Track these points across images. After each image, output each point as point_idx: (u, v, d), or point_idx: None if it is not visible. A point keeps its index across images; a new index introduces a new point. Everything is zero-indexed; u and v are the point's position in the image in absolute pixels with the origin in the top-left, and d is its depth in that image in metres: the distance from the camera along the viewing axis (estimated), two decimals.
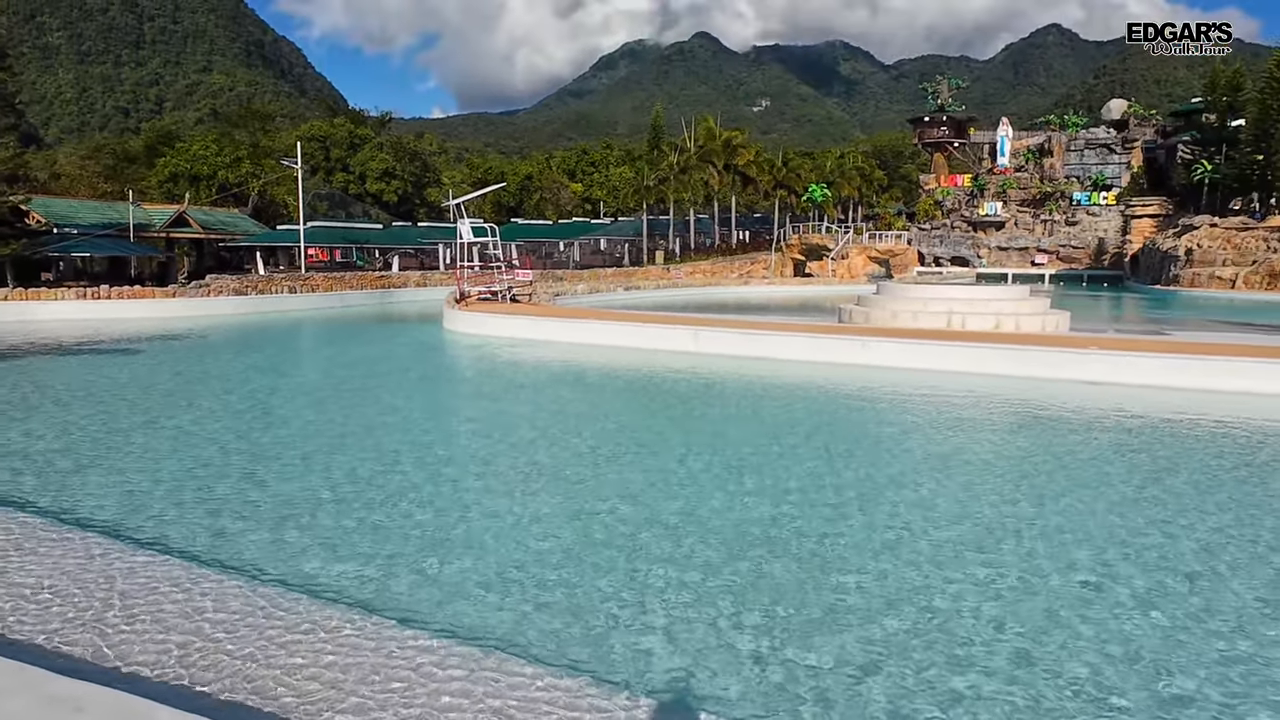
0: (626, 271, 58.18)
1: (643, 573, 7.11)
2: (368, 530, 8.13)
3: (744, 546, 7.75)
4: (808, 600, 6.57)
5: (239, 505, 8.88)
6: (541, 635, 5.91)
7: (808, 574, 7.13)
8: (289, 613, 5.89)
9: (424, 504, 9.01)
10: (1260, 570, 7.33)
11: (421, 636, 5.60)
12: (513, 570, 7.14)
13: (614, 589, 6.75)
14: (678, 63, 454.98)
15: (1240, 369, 16.54)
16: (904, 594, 6.71)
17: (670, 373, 19.09)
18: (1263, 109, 61.85)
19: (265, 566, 7.10)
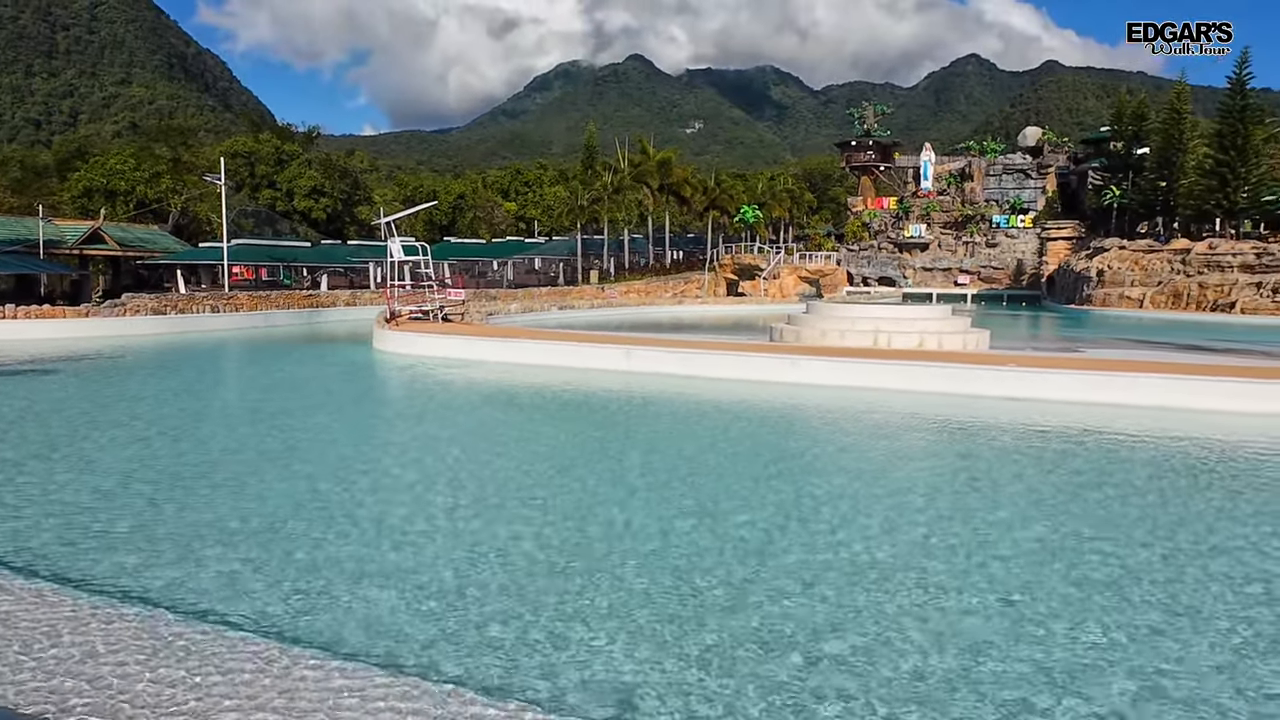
0: (561, 291, 58.10)
1: (565, 596, 7.07)
2: (276, 559, 7.90)
3: (658, 566, 7.78)
4: (741, 616, 6.63)
5: (138, 537, 8.52)
6: (468, 666, 5.83)
7: (736, 593, 7.19)
8: (191, 644, 5.67)
9: (337, 531, 8.76)
10: (1156, 567, 7.68)
11: (329, 662, 5.45)
12: (425, 598, 7.02)
13: (533, 616, 6.69)
14: (612, 84, 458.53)
15: (1145, 384, 17.36)
16: (829, 608, 6.83)
17: (603, 391, 19.12)
18: (1165, 139, 65.41)
19: (163, 599, 6.83)
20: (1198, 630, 6.46)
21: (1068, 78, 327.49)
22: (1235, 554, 8.33)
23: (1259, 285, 51.15)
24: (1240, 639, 6.32)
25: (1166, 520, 9.52)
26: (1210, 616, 6.73)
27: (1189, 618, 6.69)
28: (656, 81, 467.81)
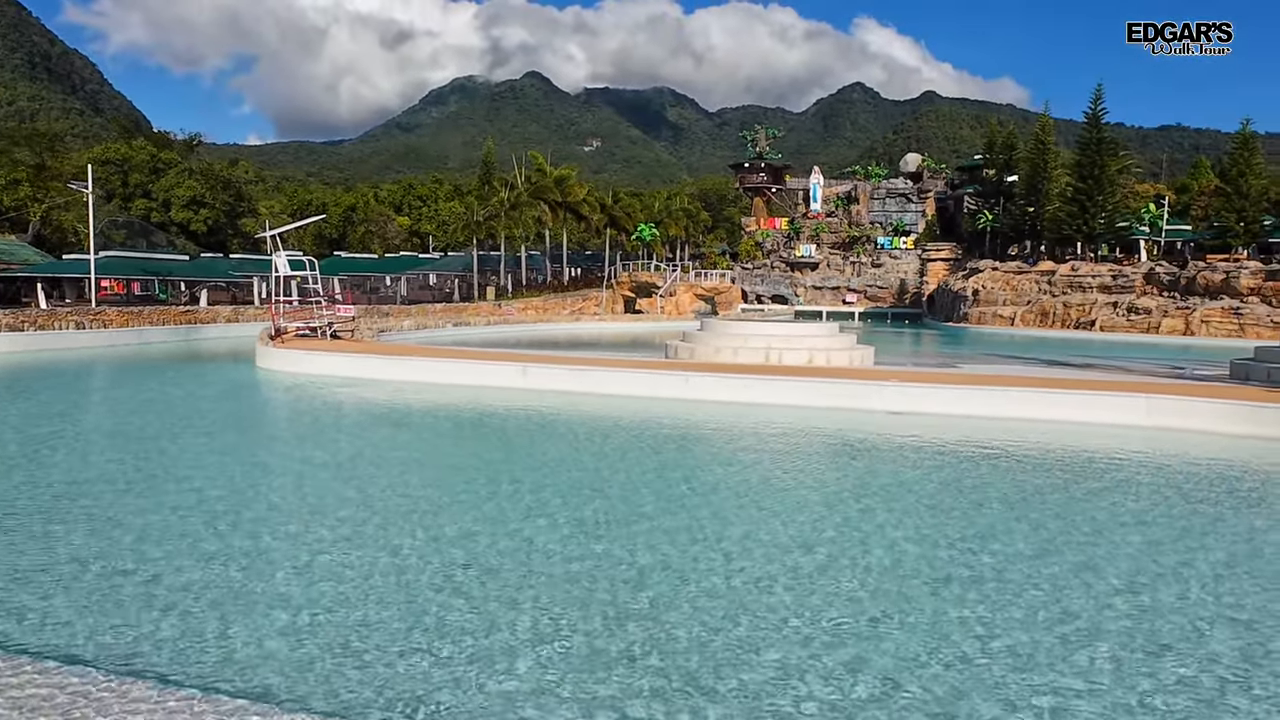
0: (457, 307, 57.17)
1: (444, 622, 6.94)
2: (129, 592, 7.46)
3: (548, 583, 7.75)
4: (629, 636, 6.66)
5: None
6: (326, 698, 5.64)
7: (617, 611, 7.22)
8: (38, 683, 5.29)
9: (203, 560, 8.33)
10: (1018, 563, 8.17)
11: (172, 696, 5.19)
12: (288, 629, 6.77)
13: (407, 644, 6.55)
14: (509, 100, 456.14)
15: (1014, 398, 18.44)
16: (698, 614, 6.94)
17: (498, 409, 18.90)
18: (1032, 167, 69.90)
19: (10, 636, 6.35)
20: (1022, 606, 6.89)
21: (945, 108, 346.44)
22: (1083, 548, 8.94)
23: (1115, 305, 55.19)
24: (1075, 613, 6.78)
25: (1020, 521, 10.12)
26: (1049, 603, 7.19)
27: (1031, 604, 7.13)
28: (554, 99, 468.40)
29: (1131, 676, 6.05)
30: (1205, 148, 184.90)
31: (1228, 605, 7.52)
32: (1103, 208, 63.26)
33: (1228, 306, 50.96)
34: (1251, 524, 10.43)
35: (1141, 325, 52.71)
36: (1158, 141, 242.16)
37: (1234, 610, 7.40)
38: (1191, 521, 10.49)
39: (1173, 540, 9.63)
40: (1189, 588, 7.97)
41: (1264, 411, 16.48)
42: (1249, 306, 50.47)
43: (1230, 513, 10.97)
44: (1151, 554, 9.05)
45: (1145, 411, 17.42)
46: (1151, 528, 10.13)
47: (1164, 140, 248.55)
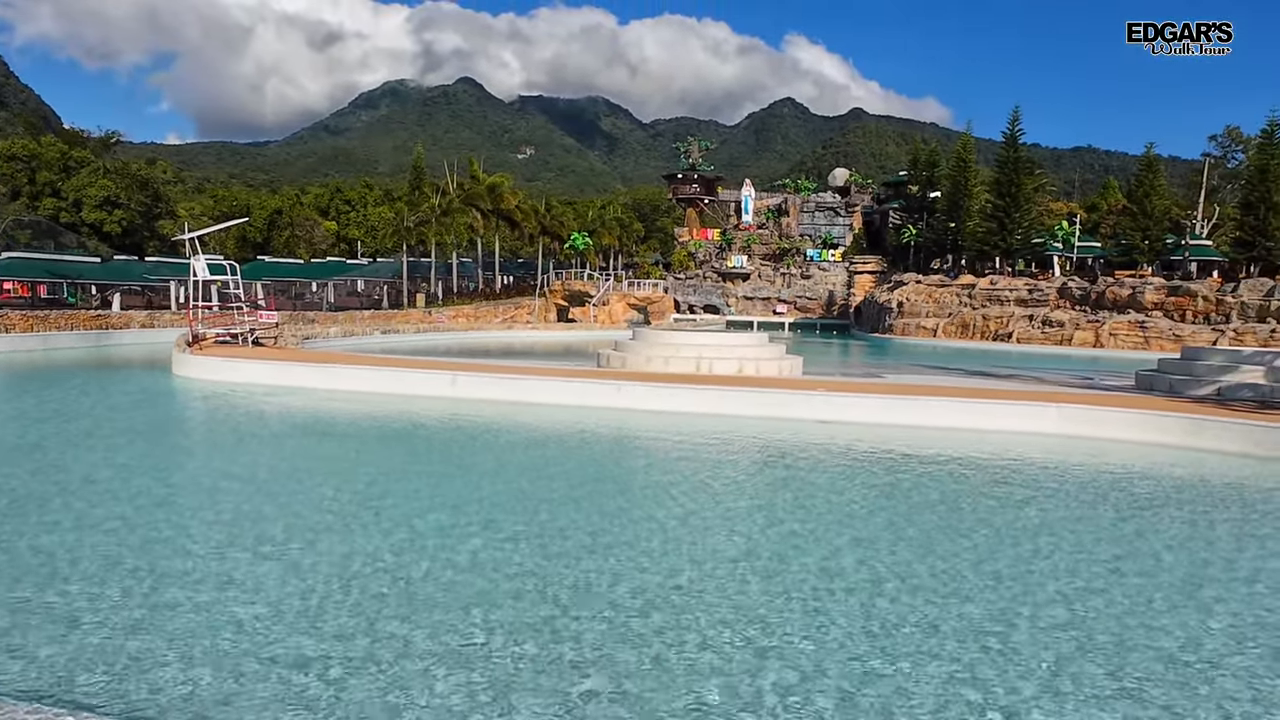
0: (385, 314, 56.12)
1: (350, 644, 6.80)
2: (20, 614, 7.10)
3: (469, 595, 7.66)
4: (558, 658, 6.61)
5: None
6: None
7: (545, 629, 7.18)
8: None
9: (97, 581, 7.98)
10: (919, 564, 8.42)
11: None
12: (186, 654, 6.55)
13: (303, 671, 6.39)
14: (441, 105, 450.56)
15: (935, 407, 19.01)
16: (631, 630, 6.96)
17: (426, 419, 18.59)
18: (953, 184, 72.29)
19: None
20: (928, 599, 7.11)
21: (872, 124, 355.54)
22: (1007, 547, 9.26)
23: (1031, 317, 57.38)
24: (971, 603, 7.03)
25: (938, 522, 10.44)
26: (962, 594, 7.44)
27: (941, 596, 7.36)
28: (488, 105, 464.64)
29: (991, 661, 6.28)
30: (1114, 169, 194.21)
31: (1119, 592, 7.89)
32: (1020, 224, 65.80)
33: (1134, 320, 53.50)
34: (1140, 524, 10.96)
35: (1055, 337, 54.91)
36: (1070, 162, 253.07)
37: (1116, 592, 7.77)
38: (1090, 521, 10.97)
39: (1071, 537, 10.05)
40: (1087, 580, 8.33)
41: (1165, 420, 17.35)
42: (1153, 320, 53.09)
43: (1129, 513, 11.50)
44: (1049, 550, 9.43)
45: (1057, 420, 18.16)
46: (1044, 525, 10.56)
47: (1076, 161, 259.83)
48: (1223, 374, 22.67)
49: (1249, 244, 58.53)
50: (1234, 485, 13.94)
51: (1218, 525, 11.23)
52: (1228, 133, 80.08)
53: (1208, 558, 9.66)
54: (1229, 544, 10.30)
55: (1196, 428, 16.86)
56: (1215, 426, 16.75)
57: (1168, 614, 7.69)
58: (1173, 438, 16.87)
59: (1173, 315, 53.30)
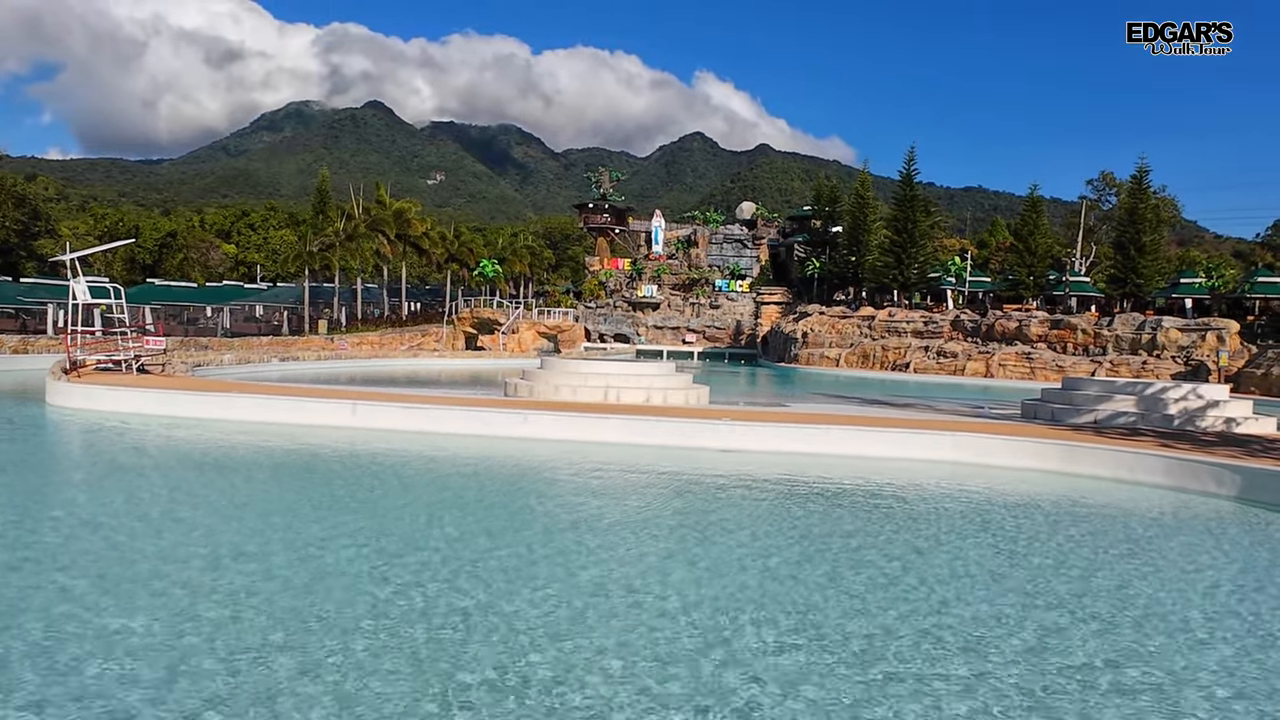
0: (285, 341, 54.20)
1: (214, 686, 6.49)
2: None
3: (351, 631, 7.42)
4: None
5: None
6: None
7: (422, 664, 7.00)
8: None
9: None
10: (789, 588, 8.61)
11: None
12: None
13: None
14: (349, 129, 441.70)
15: (835, 435, 19.54)
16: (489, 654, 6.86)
17: (325, 450, 17.97)
18: (854, 220, 75.08)
19: None
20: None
21: (778, 160, 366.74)
22: (898, 571, 9.55)
23: (926, 348, 59.82)
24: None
25: (833, 544, 10.70)
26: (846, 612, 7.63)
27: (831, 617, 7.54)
28: (397, 130, 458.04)
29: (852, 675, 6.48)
30: (1001, 208, 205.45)
31: (999, 606, 8.24)
32: (915, 259, 68.79)
33: (1020, 351, 56.45)
34: (1015, 545, 11.50)
35: (949, 368, 57.38)
36: (962, 200, 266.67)
37: (997, 606, 8.12)
38: (975, 543, 11.44)
39: (959, 561, 10.46)
40: (969, 595, 8.67)
41: (1046, 447, 18.30)
42: (1038, 351, 56.12)
43: (1010, 533, 12.05)
44: (935, 571, 9.79)
45: (951, 448, 18.92)
46: (935, 548, 10.96)
47: (967, 200, 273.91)
48: (1099, 403, 24.11)
49: (1122, 281, 62.70)
50: (1099, 507, 14.78)
51: (1080, 543, 11.86)
52: (1102, 177, 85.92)
53: (1062, 572, 10.18)
54: (1082, 558, 10.89)
55: (1073, 454, 17.84)
56: (1089, 453, 17.76)
57: (1034, 613, 8.07)
58: (1052, 464, 17.80)
59: (1056, 347, 56.47)
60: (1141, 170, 63.87)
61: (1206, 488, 15.85)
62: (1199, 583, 10.29)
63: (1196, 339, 52.29)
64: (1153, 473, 16.73)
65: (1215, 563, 11.35)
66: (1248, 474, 15.62)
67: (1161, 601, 9.34)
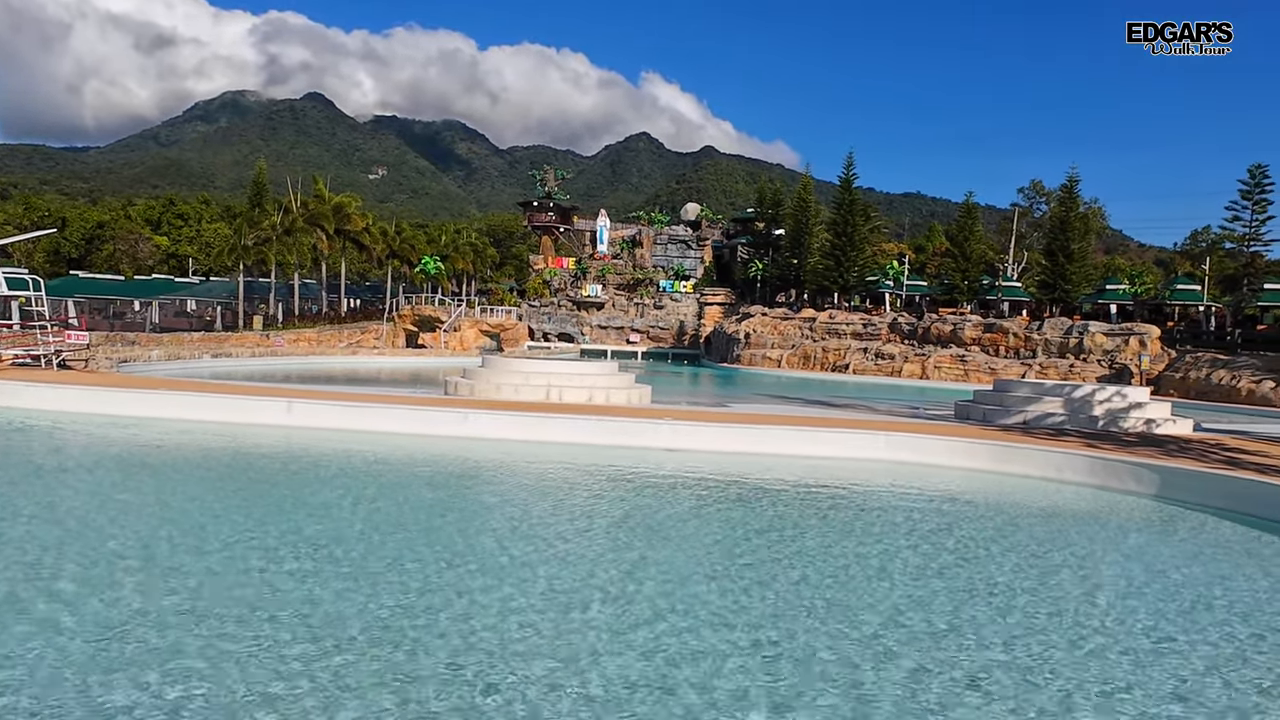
0: (218, 337, 52.70)
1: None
2: None
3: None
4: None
5: None
6: None
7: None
8: None
9: None
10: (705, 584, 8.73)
11: None
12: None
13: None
14: (287, 120, 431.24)
15: (775, 435, 19.79)
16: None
17: (256, 450, 17.51)
18: (796, 223, 76.13)
19: None
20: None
21: (723, 162, 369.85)
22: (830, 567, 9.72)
23: (865, 350, 60.99)
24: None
25: (773, 541, 10.85)
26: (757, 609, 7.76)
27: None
28: (338, 123, 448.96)
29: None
30: (939, 214, 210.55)
31: (920, 600, 8.46)
32: (855, 263, 70.08)
33: (955, 354, 57.94)
34: (941, 539, 11.82)
35: (887, 369, 58.60)
36: (901, 206, 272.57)
37: (920, 603, 8.33)
38: (908, 539, 11.71)
39: (889, 555, 10.70)
40: (900, 590, 8.88)
41: (976, 446, 18.82)
42: (972, 354, 57.69)
43: (939, 530, 12.37)
44: (870, 564, 10.00)
45: (886, 447, 19.30)
46: (870, 544, 11.20)
47: (906, 205, 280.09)
48: (1028, 405, 24.89)
49: (1051, 286, 64.81)
50: (1025, 505, 15.27)
51: (1003, 538, 12.24)
52: (1033, 185, 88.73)
53: (987, 567, 10.50)
54: (1004, 555, 11.24)
55: (1003, 454, 18.38)
56: (1018, 453, 18.32)
57: (956, 606, 8.30)
58: (983, 463, 18.30)
59: (989, 350, 58.10)
60: (1071, 180, 66.16)
61: (1127, 486, 16.48)
62: (1094, 569, 10.70)
63: (1120, 343, 54.34)
64: (1078, 472, 17.32)
65: (1116, 551, 11.82)
66: (1164, 473, 16.29)
67: (1065, 589, 9.69)
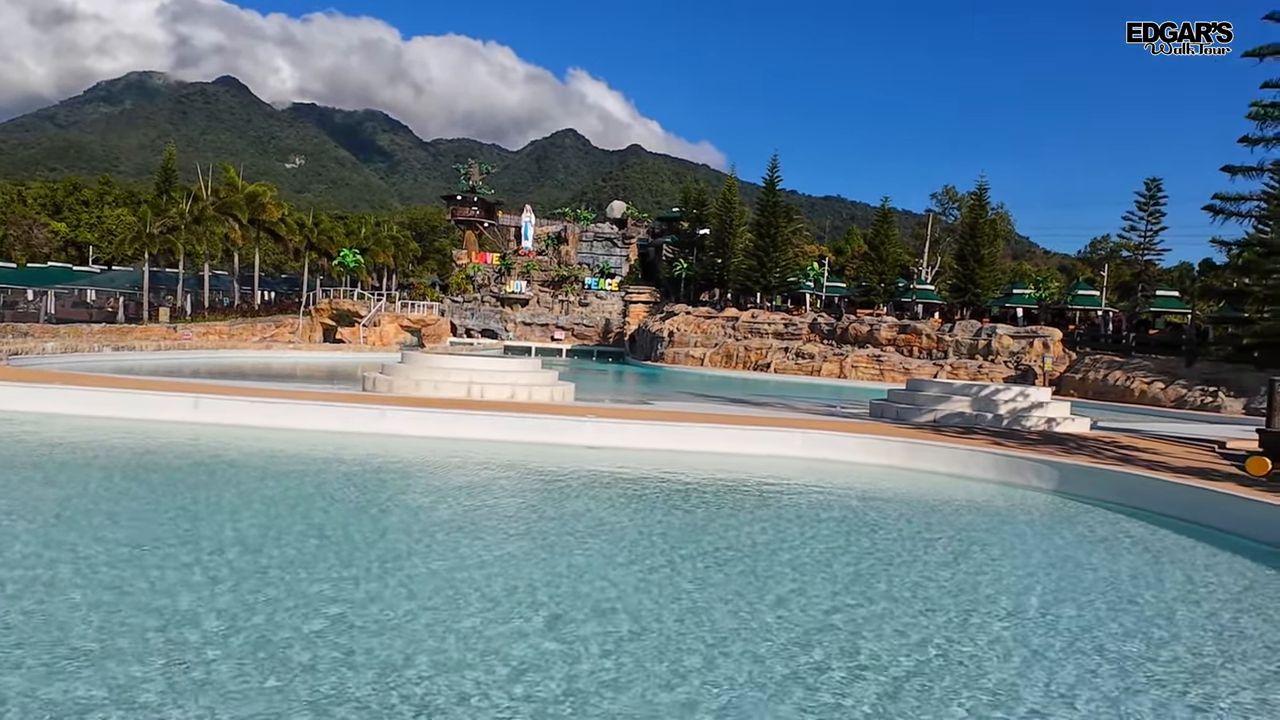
0: (121, 329, 50.29)
1: None
2: None
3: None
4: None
5: None
6: None
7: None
8: None
9: None
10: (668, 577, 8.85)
11: None
12: None
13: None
14: (199, 105, 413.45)
15: (696, 432, 20.01)
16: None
17: (161, 447, 16.79)
18: (720, 223, 76.97)
19: None
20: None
21: (649, 161, 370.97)
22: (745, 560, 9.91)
23: (786, 350, 62.16)
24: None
25: (695, 537, 11.00)
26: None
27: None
28: (254, 110, 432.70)
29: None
30: (857, 218, 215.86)
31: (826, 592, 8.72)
32: (778, 263, 71.34)
33: (871, 354, 59.60)
34: (853, 531, 12.20)
35: (807, 368, 59.87)
36: (822, 209, 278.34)
37: (814, 589, 8.60)
38: (821, 526, 12.04)
39: (802, 538, 10.98)
40: (811, 572, 9.13)
41: (890, 444, 19.43)
42: (887, 354, 59.43)
43: (849, 523, 12.75)
44: (780, 550, 10.25)
45: (803, 444, 19.74)
46: (781, 536, 11.46)
47: (827, 208, 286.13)
48: (938, 403, 25.80)
49: (962, 290, 67.25)
50: (933, 500, 15.85)
51: (912, 532, 12.70)
52: (946, 191, 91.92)
53: (894, 556, 10.90)
54: (912, 546, 11.68)
55: (914, 451, 19.02)
56: (928, 449, 18.99)
57: (878, 594, 8.59)
58: (896, 459, 18.91)
59: (903, 350, 59.94)
60: (981, 188, 68.78)
61: (1029, 482, 17.26)
62: (993, 559, 11.21)
63: (1026, 345, 56.79)
64: (984, 468, 18.06)
65: (1018, 541, 12.38)
66: (1063, 469, 17.13)
67: (955, 574, 10.12)
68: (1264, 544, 12.85)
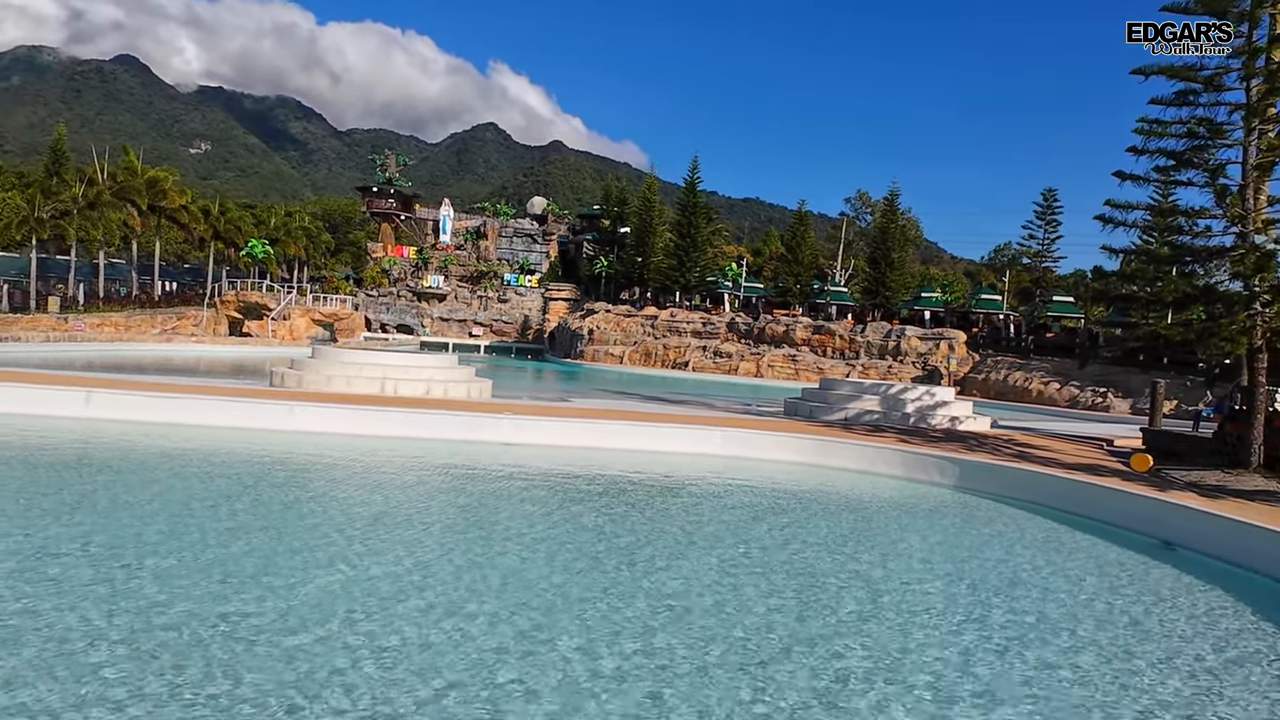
0: (5, 319, 47.34)
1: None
2: None
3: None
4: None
5: None
6: None
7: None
8: None
9: None
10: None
11: None
12: None
13: None
14: (95, 84, 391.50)
15: (613, 430, 20.08)
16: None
17: (48, 445, 15.88)
18: (641, 222, 77.31)
19: None
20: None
21: (571, 158, 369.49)
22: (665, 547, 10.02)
23: (704, 348, 62.89)
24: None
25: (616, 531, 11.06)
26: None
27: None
28: (155, 91, 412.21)
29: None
30: (775, 220, 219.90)
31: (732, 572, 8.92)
32: (697, 263, 72.08)
33: (787, 354, 60.83)
34: (769, 524, 12.49)
35: (725, 367, 60.70)
36: (741, 210, 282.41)
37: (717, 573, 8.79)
38: (731, 521, 12.27)
39: (716, 533, 11.17)
40: (722, 565, 9.30)
41: (802, 441, 19.90)
42: (802, 354, 60.76)
43: (764, 517, 13.04)
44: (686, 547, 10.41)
45: (720, 442, 20.05)
46: (696, 532, 11.65)
47: (746, 210, 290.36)
48: (850, 402, 26.54)
49: (874, 292, 69.30)
50: (841, 494, 16.33)
51: (823, 525, 13.07)
52: (859, 196, 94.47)
53: (814, 549, 11.22)
54: (820, 538, 12.04)
55: (825, 448, 19.54)
56: (839, 447, 19.54)
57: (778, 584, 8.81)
58: (808, 456, 19.38)
59: (817, 351, 61.38)
60: (893, 194, 71.04)
61: (932, 478, 17.95)
62: (893, 549, 11.66)
63: (932, 347, 58.90)
64: (891, 465, 18.69)
65: (917, 534, 12.89)
66: (964, 466, 17.87)
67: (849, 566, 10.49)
68: (1143, 535, 13.70)
